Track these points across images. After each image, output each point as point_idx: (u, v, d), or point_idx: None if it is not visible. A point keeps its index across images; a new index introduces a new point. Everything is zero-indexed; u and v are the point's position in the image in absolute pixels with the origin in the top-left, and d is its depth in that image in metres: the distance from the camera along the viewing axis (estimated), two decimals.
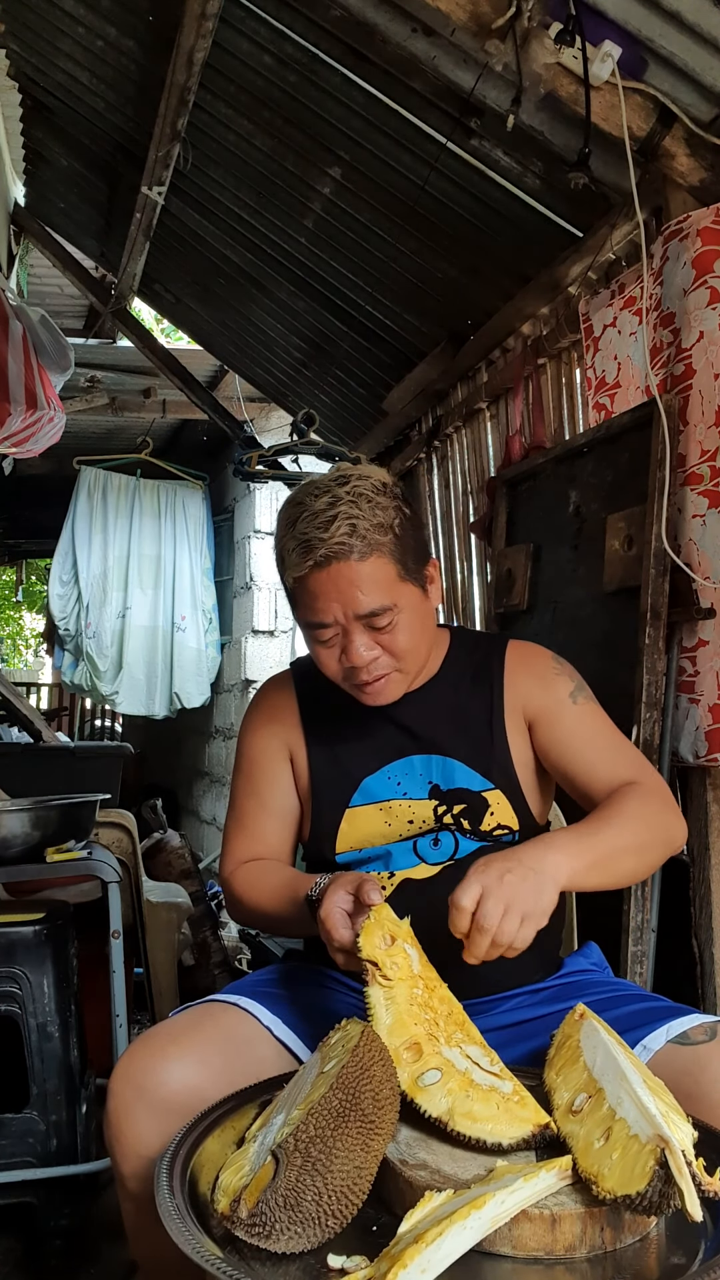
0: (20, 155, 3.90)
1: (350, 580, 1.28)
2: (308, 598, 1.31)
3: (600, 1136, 0.90)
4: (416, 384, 3.46)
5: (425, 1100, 0.99)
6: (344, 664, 1.33)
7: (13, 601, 12.31)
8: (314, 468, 4.16)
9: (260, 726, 1.51)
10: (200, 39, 2.53)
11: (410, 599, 1.34)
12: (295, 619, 1.40)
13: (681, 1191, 0.81)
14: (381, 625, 1.31)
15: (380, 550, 1.30)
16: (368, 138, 2.67)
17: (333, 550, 1.27)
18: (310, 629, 1.34)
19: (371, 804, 1.41)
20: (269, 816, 1.46)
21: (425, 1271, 0.76)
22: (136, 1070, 1.18)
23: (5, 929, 1.97)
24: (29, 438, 3.36)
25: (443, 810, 1.38)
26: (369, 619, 1.30)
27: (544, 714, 1.41)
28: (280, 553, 1.34)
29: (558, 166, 2.23)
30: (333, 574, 1.28)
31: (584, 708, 1.42)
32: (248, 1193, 0.83)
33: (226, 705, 6.31)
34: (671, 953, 1.94)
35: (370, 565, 1.29)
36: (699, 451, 1.96)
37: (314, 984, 1.40)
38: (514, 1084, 1.03)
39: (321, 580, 1.29)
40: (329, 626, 1.31)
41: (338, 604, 1.29)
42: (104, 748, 4.47)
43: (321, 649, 1.34)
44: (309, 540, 1.28)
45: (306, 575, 1.30)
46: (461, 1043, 1.07)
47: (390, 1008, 1.06)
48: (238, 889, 1.41)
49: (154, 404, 5.77)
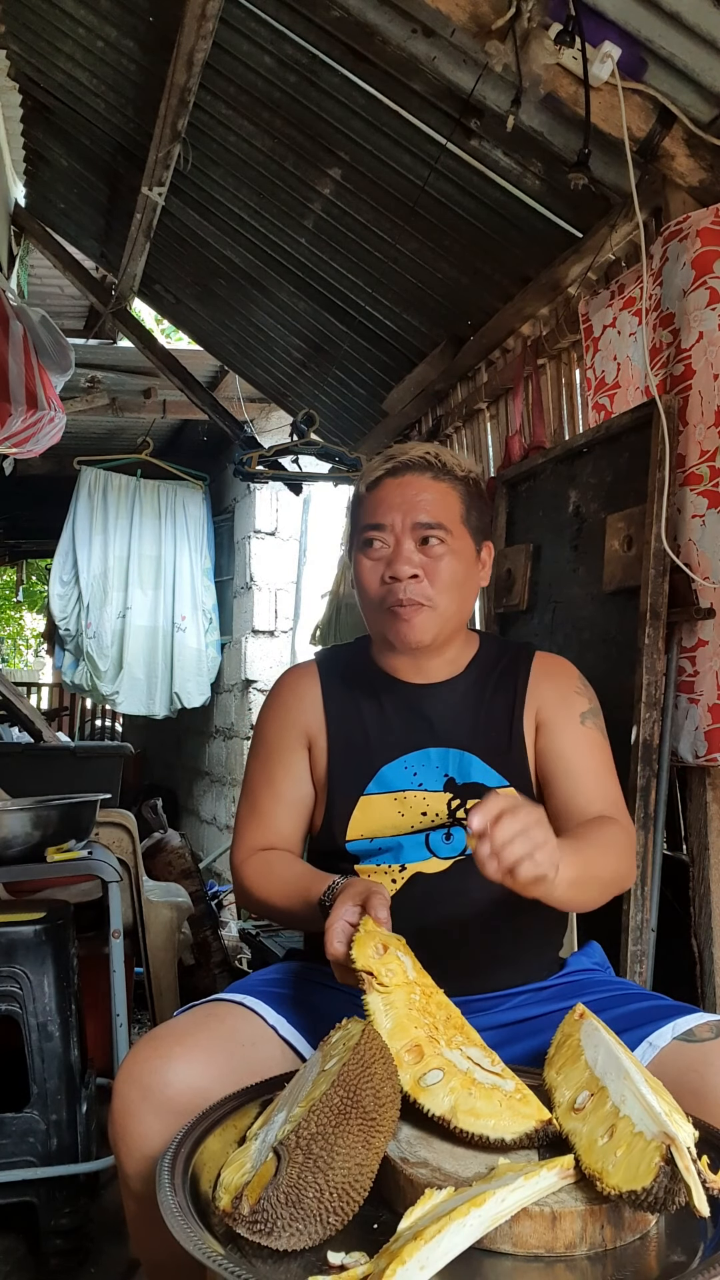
0: (20, 156, 3.90)
1: (418, 489, 1.39)
2: (372, 503, 1.40)
3: (604, 1134, 0.91)
4: (416, 384, 3.46)
5: (428, 1099, 0.99)
6: (385, 577, 1.38)
7: (13, 601, 12.32)
8: (314, 468, 4.17)
9: (280, 713, 1.51)
10: (200, 40, 2.53)
11: (463, 547, 1.41)
12: (349, 539, 1.47)
13: (688, 1187, 0.81)
14: (433, 544, 1.38)
15: (452, 485, 1.41)
16: (368, 138, 2.67)
17: (412, 461, 1.40)
18: (364, 533, 1.40)
19: (386, 793, 1.41)
20: (282, 805, 1.47)
21: (424, 1268, 0.76)
22: (141, 1070, 1.18)
23: (5, 929, 1.97)
24: (29, 438, 3.36)
25: (456, 804, 1.39)
26: (423, 530, 1.37)
27: (551, 722, 1.44)
28: (361, 474, 1.45)
29: (558, 167, 2.24)
30: (404, 482, 1.39)
31: (589, 732, 1.45)
32: (249, 1190, 0.83)
33: (226, 705, 6.31)
34: (671, 953, 1.94)
35: (441, 488, 1.40)
36: (698, 452, 1.97)
37: (317, 983, 1.40)
38: (516, 1082, 1.03)
39: (391, 486, 1.39)
40: (384, 530, 1.38)
41: (399, 511, 1.38)
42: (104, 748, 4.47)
43: (367, 560, 1.40)
44: (395, 454, 1.40)
45: (379, 479, 1.40)
46: (461, 1045, 1.07)
47: (390, 1012, 1.06)
48: (248, 879, 1.41)
49: (154, 404, 5.77)
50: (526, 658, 1.50)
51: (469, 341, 3.15)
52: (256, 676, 5.85)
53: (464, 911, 1.31)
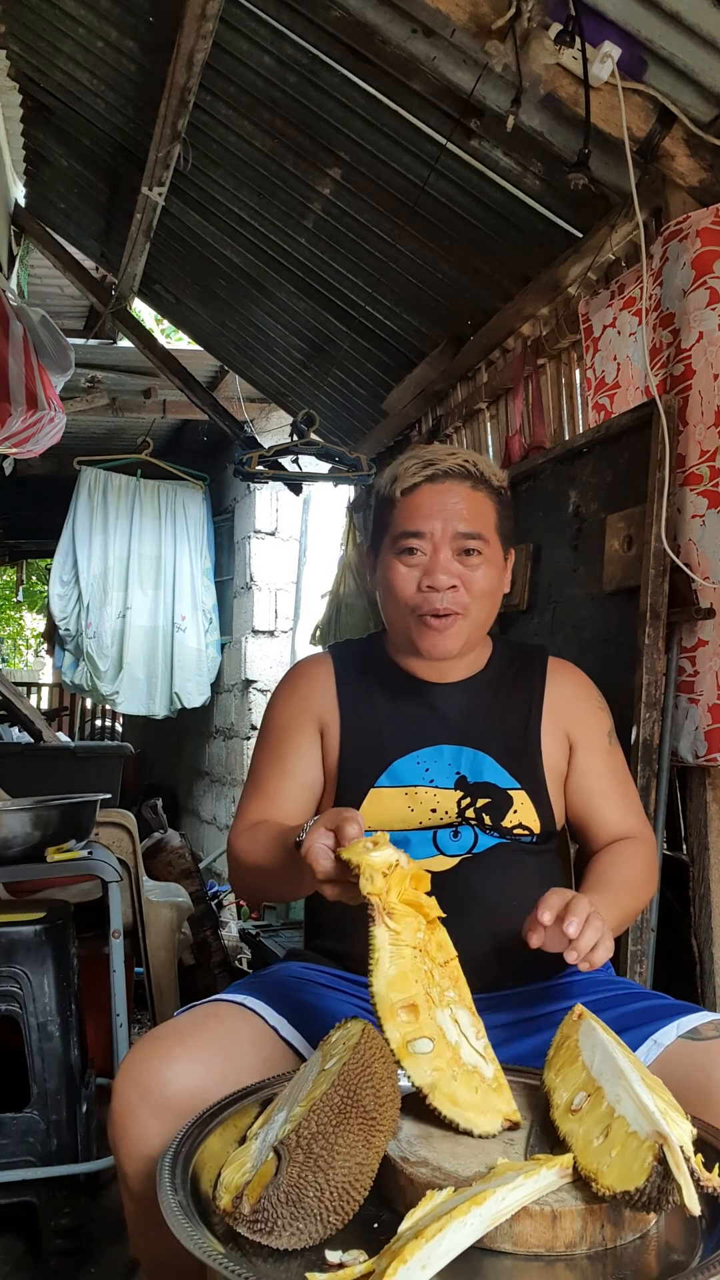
0: (20, 156, 3.91)
1: (459, 499, 1.38)
2: (409, 509, 1.38)
3: (599, 1134, 0.91)
4: (416, 384, 3.46)
5: (412, 1066, 0.99)
6: (423, 585, 1.37)
7: (13, 601, 12.32)
8: (314, 468, 4.17)
9: (293, 699, 1.51)
10: (200, 40, 2.53)
11: (496, 555, 1.42)
12: (378, 542, 1.45)
13: (679, 1186, 0.81)
14: (471, 555, 1.38)
15: (488, 494, 1.41)
16: (368, 138, 2.67)
17: (452, 469, 1.38)
18: (401, 541, 1.39)
19: (397, 787, 1.41)
20: (289, 782, 1.46)
21: (426, 1267, 0.76)
22: (141, 1070, 1.17)
23: (5, 929, 1.97)
24: (29, 438, 3.36)
25: (466, 803, 1.40)
26: (463, 541, 1.37)
27: (582, 742, 1.48)
28: (392, 475, 1.41)
29: (557, 167, 2.24)
30: (444, 489, 1.38)
31: (615, 752, 1.51)
32: (250, 1189, 0.83)
33: (226, 705, 6.31)
34: (671, 952, 1.94)
35: (479, 497, 1.39)
36: (698, 452, 1.97)
37: (317, 984, 1.40)
38: (495, 1068, 1.05)
39: (430, 493, 1.38)
40: (422, 538, 1.37)
41: (439, 519, 1.37)
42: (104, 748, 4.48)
43: (403, 567, 1.39)
44: (431, 459, 1.38)
45: (418, 485, 1.38)
46: (453, 1004, 1.07)
47: (395, 958, 1.03)
48: (239, 849, 1.40)
49: (154, 404, 5.78)
50: (541, 663, 1.52)
51: (469, 341, 3.15)
52: (256, 676, 5.85)
53: (468, 910, 1.32)
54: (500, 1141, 1.01)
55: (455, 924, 1.12)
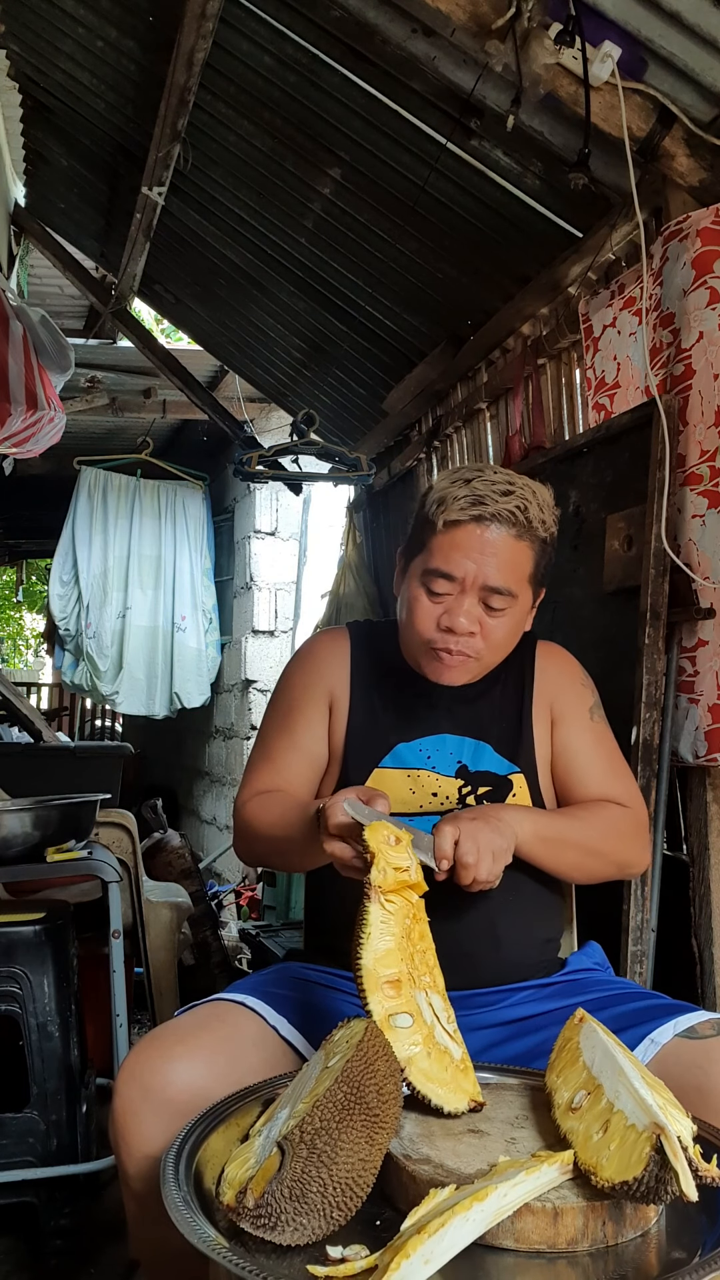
0: (20, 155, 3.91)
1: (498, 548, 1.33)
2: (448, 546, 1.34)
3: (599, 1129, 0.91)
4: (416, 384, 3.46)
5: (393, 1039, 1.03)
6: (442, 625, 1.35)
7: (13, 601, 12.31)
8: (314, 468, 4.17)
9: (308, 669, 1.52)
10: (200, 39, 2.53)
11: (523, 604, 1.39)
12: (407, 565, 1.42)
13: (677, 1174, 0.81)
14: (497, 607, 1.35)
15: (531, 543, 1.36)
16: (368, 138, 2.67)
17: (500, 514, 1.32)
18: (430, 578, 1.36)
19: (400, 769, 1.43)
20: (298, 754, 1.47)
21: (429, 1262, 0.76)
22: (143, 1070, 1.18)
23: (5, 929, 1.97)
24: (29, 438, 3.36)
25: (467, 790, 1.42)
26: (491, 594, 1.34)
27: (564, 717, 1.48)
28: (439, 496, 1.35)
29: (558, 167, 2.24)
30: (487, 534, 1.33)
31: (599, 726, 1.51)
32: (254, 1184, 0.83)
33: (226, 705, 6.31)
34: (671, 953, 1.95)
35: (520, 548, 1.35)
36: (699, 452, 1.97)
37: (317, 984, 1.40)
38: (462, 1050, 1.10)
39: (473, 534, 1.33)
40: (452, 580, 1.34)
41: (474, 564, 1.33)
42: (104, 748, 4.47)
43: (427, 600, 1.37)
44: (483, 496, 1.32)
45: (462, 523, 1.33)
46: (429, 988, 1.11)
47: (386, 934, 1.08)
48: (249, 814, 1.41)
49: (154, 404, 5.77)
50: (530, 648, 1.52)
51: (469, 341, 3.15)
52: (256, 676, 5.85)
53: (466, 904, 1.32)
54: (502, 1139, 1.01)
55: (452, 917, 1.13)
